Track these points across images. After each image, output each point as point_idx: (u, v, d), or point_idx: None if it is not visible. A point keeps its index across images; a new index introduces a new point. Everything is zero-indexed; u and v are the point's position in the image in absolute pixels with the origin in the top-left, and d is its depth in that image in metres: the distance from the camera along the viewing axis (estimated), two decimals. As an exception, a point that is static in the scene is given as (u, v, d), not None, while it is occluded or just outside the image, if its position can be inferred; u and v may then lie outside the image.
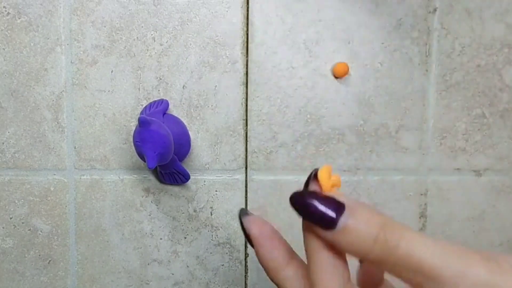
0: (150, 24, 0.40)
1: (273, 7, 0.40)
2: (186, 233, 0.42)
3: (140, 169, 0.42)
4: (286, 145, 0.41)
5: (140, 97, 0.41)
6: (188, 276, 0.42)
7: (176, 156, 0.38)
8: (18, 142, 0.41)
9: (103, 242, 0.42)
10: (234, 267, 0.42)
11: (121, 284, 0.43)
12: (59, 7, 0.40)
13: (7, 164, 0.42)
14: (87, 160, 0.41)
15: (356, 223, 0.18)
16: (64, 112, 0.41)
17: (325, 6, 0.40)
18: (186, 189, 0.42)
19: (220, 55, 0.40)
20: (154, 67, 0.41)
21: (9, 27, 0.41)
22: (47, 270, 0.43)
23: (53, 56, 0.41)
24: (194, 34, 0.40)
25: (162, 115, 0.39)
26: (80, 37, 0.41)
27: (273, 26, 0.40)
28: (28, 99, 0.41)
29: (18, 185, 0.42)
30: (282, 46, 0.40)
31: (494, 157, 0.42)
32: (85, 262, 0.42)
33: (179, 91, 0.41)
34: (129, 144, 0.41)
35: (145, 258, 0.42)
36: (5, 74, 0.41)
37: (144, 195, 0.42)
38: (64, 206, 0.42)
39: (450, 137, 0.42)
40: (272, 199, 0.42)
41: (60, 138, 0.41)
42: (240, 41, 0.40)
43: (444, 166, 0.42)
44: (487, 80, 0.41)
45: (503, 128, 0.42)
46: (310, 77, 0.41)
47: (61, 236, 0.42)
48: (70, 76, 0.41)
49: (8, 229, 0.42)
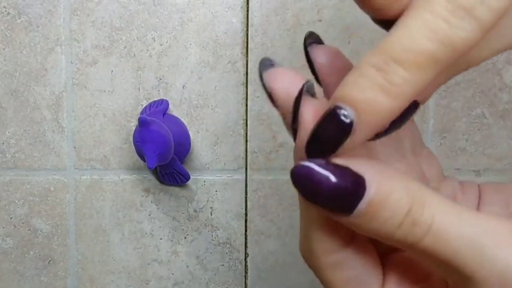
0: (150, 24, 0.40)
1: (273, 7, 0.40)
2: (186, 233, 0.42)
3: (140, 169, 0.42)
4: (286, 145, 0.41)
5: (140, 97, 0.41)
6: (188, 276, 0.42)
7: (176, 156, 0.38)
8: (18, 142, 0.41)
9: (103, 242, 0.42)
10: (234, 267, 0.42)
11: (121, 284, 0.43)
12: (59, 7, 0.40)
13: (7, 164, 0.42)
14: (87, 160, 0.41)
15: (379, 207, 0.14)
16: (64, 112, 0.41)
17: (325, 6, 0.40)
18: (186, 189, 0.42)
19: (220, 55, 0.40)
20: (154, 67, 0.41)
21: (9, 27, 0.41)
22: (47, 270, 0.43)
23: (53, 56, 0.41)
24: (194, 34, 0.40)
25: (162, 115, 0.39)
26: (80, 37, 0.41)
27: (273, 26, 0.40)
28: (28, 99, 0.41)
29: (18, 185, 0.42)
30: (282, 46, 0.40)
31: (494, 157, 0.42)
32: (85, 262, 0.42)
33: (179, 91, 0.41)
34: (129, 144, 0.41)
35: (145, 258, 0.42)
36: (5, 74, 0.41)
37: (144, 195, 0.42)
38: (64, 206, 0.42)
39: (450, 137, 0.42)
40: (272, 199, 0.42)
41: (60, 138, 0.41)
42: (240, 41, 0.40)
43: (444, 166, 0.42)
44: (487, 80, 0.41)
45: (503, 128, 0.42)
46: (310, 77, 0.41)
47: (61, 236, 0.42)
48: (70, 76, 0.41)
49: (8, 229, 0.42)
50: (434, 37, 0.12)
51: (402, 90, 0.13)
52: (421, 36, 0.12)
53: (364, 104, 0.13)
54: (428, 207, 0.14)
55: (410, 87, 0.13)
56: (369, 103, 0.13)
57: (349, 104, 0.13)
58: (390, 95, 0.13)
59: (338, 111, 0.13)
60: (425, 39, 0.12)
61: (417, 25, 0.12)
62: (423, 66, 0.13)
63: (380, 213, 0.14)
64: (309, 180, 0.14)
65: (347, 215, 0.14)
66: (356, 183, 0.14)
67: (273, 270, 0.42)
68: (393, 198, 0.14)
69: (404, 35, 0.13)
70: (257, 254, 0.42)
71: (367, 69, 0.13)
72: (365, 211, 0.14)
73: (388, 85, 0.13)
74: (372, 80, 0.13)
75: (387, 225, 0.14)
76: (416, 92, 0.13)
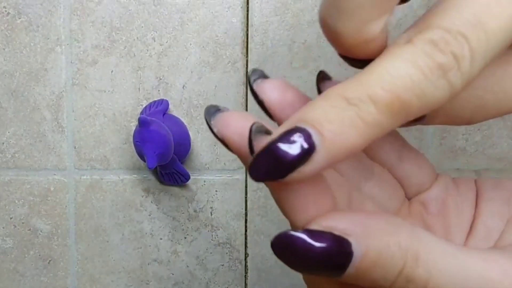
0: (150, 24, 0.40)
1: (273, 7, 0.40)
2: (186, 233, 0.42)
3: (140, 169, 0.42)
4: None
5: (140, 97, 0.41)
6: (188, 276, 0.42)
7: (176, 156, 0.38)
8: (18, 142, 0.41)
9: (103, 242, 0.42)
10: (234, 267, 0.42)
11: (121, 284, 0.43)
12: (59, 7, 0.40)
13: (7, 164, 0.42)
14: (87, 160, 0.41)
15: (370, 269, 0.13)
16: (64, 112, 0.41)
17: (325, 6, 0.40)
18: (186, 189, 0.42)
19: (220, 55, 0.40)
20: (154, 67, 0.41)
21: (9, 27, 0.41)
22: (47, 270, 0.43)
23: (53, 56, 0.41)
24: (194, 34, 0.40)
25: (162, 115, 0.39)
26: (80, 37, 0.41)
27: (273, 26, 0.40)
28: (28, 99, 0.41)
29: (18, 185, 0.42)
30: (282, 46, 0.40)
31: (494, 157, 0.42)
32: (85, 262, 0.42)
33: (179, 91, 0.41)
34: (129, 144, 0.41)
35: (145, 258, 0.42)
36: (5, 74, 0.41)
37: (144, 195, 0.42)
38: (64, 206, 0.42)
39: (450, 137, 0.42)
40: (272, 199, 0.42)
41: (60, 138, 0.41)
42: (240, 41, 0.40)
43: (444, 166, 0.42)
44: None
45: (503, 128, 0.42)
46: (310, 77, 0.41)
47: (61, 236, 0.42)
48: (70, 76, 0.41)
49: (8, 229, 0.42)
50: (411, 87, 0.12)
51: (370, 129, 0.12)
52: (399, 82, 0.12)
53: (331, 132, 0.12)
54: (423, 261, 0.13)
55: (377, 128, 0.12)
56: (337, 133, 0.12)
57: (314, 128, 0.12)
58: (358, 131, 0.12)
59: (300, 131, 0.12)
60: (403, 87, 0.12)
61: (397, 70, 0.12)
62: (395, 111, 0.12)
63: (372, 273, 0.13)
64: (291, 252, 0.13)
65: (337, 277, 0.13)
66: (341, 249, 0.13)
67: (273, 270, 0.42)
68: (384, 257, 0.13)
69: (383, 77, 0.12)
70: (257, 254, 0.42)
71: (338, 100, 0.13)
72: (356, 273, 0.13)
73: (358, 121, 0.12)
74: (343, 112, 0.12)
75: (381, 283, 0.13)
76: (380, 135, 0.13)
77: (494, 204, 0.18)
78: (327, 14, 0.14)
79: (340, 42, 0.14)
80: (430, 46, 0.12)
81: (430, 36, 0.12)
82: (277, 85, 0.16)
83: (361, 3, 0.13)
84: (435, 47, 0.12)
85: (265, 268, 0.42)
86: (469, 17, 0.12)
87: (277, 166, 0.12)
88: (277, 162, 0.12)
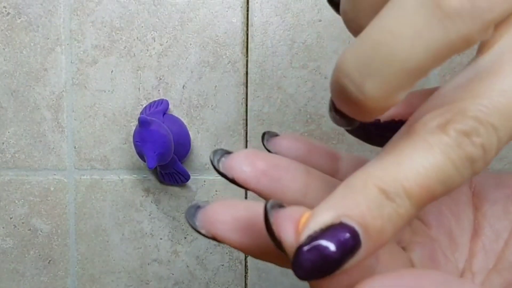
0: (150, 24, 0.40)
1: (273, 7, 0.40)
2: (186, 233, 0.42)
3: (140, 169, 0.42)
4: (286, 145, 0.41)
5: (140, 97, 0.41)
6: (188, 276, 0.42)
7: (176, 156, 0.38)
8: (18, 142, 0.41)
9: (103, 242, 0.42)
10: (234, 267, 0.42)
11: (121, 284, 0.43)
12: (59, 7, 0.40)
13: (7, 164, 0.42)
14: (87, 160, 0.41)
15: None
16: (64, 112, 0.41)
17: (325, 6, 0.40)
18: (186, 189, 0.42)
19: (220, 55, 0.40)
20: (154, 67, 0.41)
21: (9, 27, 0.41)
22: (47, 270, 0.43)
23: (53, 56, 0.41)
24: (194, 34, 0.40)
25: (162, 115, 0.39)
26: (80, 37, 0.41)
27: (273, 26, 0.40)
28: (28, 99, 0.41)
29: (18, 185, 0.42)
30: (282, 46, 0.40)
31: (494, 157, 0.42)
32: (85, 262, 0.42)
33: (179, 91, 0.41)
34: (129, 144, 0.41)
35: (145, 258, 0.42)
36: (5, 74, 0.41)
37: (144, 195, 0.42)
38: (64, 206, 0.42)
39: (450, 137, 0.42)
40: (272, 199, 0.42)
41: (60, 138, 0.41)
42: (240, 41, 0.40)
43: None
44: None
45: (503, 128, 0.42)
46: (310, 77, 0.41)
47: (61, 236, 0.42)
48: (70, 76, 0.41)
49: (8, 229, 0.42)
50: (441, 178, 0.12)
51: (403, 222, 0.12)
52: (433, 175, 0.12)
53: (375, 230, 0.12)
54: None
55: (408, 219, 0.13)
56: (379, 230, 0.12)
57: (360, 226, 0.12)
58: (394, 225, 0.12)
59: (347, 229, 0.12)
60: (435, 179, 0.12)
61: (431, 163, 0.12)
62: (423, 202, 0.12)
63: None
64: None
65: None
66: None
67: (273, 270, 0.42)
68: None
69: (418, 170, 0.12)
70: (257, 254, 0.42)
71: (376, 193, 0.12)
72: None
73: (395, 216, 0.12)
74: (384, 209, 0.12)
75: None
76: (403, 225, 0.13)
77: (498, 204, 0.17)
78: (354, 68, 0.12)
79: (362, 104, 0.13)
80: (463, 138, 0.12)
81: (464, 128, 0.12)
82: (243, 157, 0.16)
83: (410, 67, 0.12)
84: (468, 139, 0.12)
85: (265, 268, 0.42)
86: (500, 106, 0.12)
87: (324, 264, 0.12)
88: (324, 261, 0.12)
